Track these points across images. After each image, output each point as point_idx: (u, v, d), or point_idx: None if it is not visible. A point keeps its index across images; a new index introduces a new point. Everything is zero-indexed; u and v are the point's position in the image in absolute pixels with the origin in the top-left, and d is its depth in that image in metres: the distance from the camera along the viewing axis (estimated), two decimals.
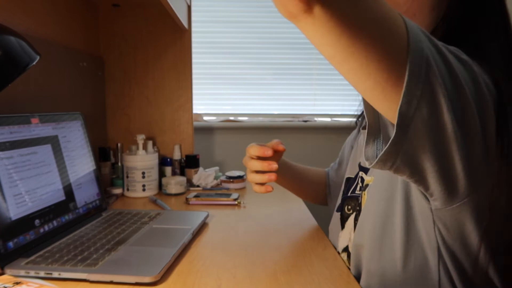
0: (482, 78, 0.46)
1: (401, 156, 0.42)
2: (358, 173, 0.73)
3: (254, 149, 0.72)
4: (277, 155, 0.78)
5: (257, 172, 0.73)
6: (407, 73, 0.37)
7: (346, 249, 0.68)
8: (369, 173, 0.67)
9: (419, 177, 0.45)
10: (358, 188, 0.71)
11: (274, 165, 0.70)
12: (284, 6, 0.33)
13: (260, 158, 0.73)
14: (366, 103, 0.46)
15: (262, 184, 0.73)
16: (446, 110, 0.40)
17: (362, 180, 0.69)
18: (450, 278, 0.54)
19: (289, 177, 0.88)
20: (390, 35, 0.36)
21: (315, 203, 0.97)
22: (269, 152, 0.71)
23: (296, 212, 0.97)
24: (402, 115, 0.39)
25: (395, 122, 0.40)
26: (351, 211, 0.69)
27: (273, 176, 0.71)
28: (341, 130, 1.77)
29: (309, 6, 0.32)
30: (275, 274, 0.62)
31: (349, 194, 0.73)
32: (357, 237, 0.64)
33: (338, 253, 0.71)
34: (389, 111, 0.40)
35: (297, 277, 0.61)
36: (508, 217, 0.51)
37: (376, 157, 0.45)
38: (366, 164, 0.45)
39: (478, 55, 0.50)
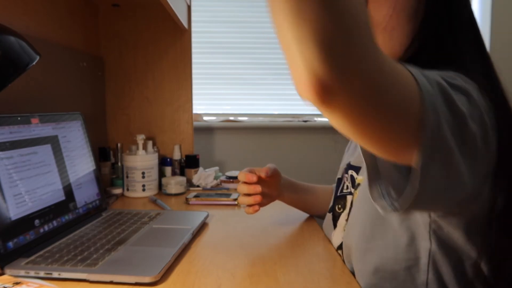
0: (482, 107, 0.47)
1: (414, 207, 0.43)
2: (345, 173, 0.76)
3: (241, 176, 0.80)
4: (274, 177, 0.83)
5: (246, 195, 0.80)
6: (422, 142, 0.39)
7: (340, 247, 0.69)
8: (360, 172, 0.69)
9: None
10: (345, 187, 0.74)
11: (258, 188, 0.78)
12: (303, 95, 0.34)
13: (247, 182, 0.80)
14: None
15: (251, 205, 0.80)
16: (456, 161, 0.42)
17: (353, 178, 0.71)
18: (439, 277, 0.55)
19: (295, 195, 0.91)
20: (403, 120, 0.37)
21: None
22: (253, 178, 0.78)
23: (296, 212, 0.97)
24: (422, 174, 0.40)
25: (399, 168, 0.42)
26: (341, 210, 0.72)
27: (258, 197, 0.78)
28: None
29: (324, 101, 0.33)
30: (275, 274, 0.62)
31: (338, 194, 0.76)
32: (346, 238, 0.66)
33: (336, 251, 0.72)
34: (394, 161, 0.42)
35: (297, 277, 0.61)
36: (502, 228, 0.52)
37: (384, 200, 0.47)
38: (377, 206, 0.47)
39: (455, 59, 0.54)
